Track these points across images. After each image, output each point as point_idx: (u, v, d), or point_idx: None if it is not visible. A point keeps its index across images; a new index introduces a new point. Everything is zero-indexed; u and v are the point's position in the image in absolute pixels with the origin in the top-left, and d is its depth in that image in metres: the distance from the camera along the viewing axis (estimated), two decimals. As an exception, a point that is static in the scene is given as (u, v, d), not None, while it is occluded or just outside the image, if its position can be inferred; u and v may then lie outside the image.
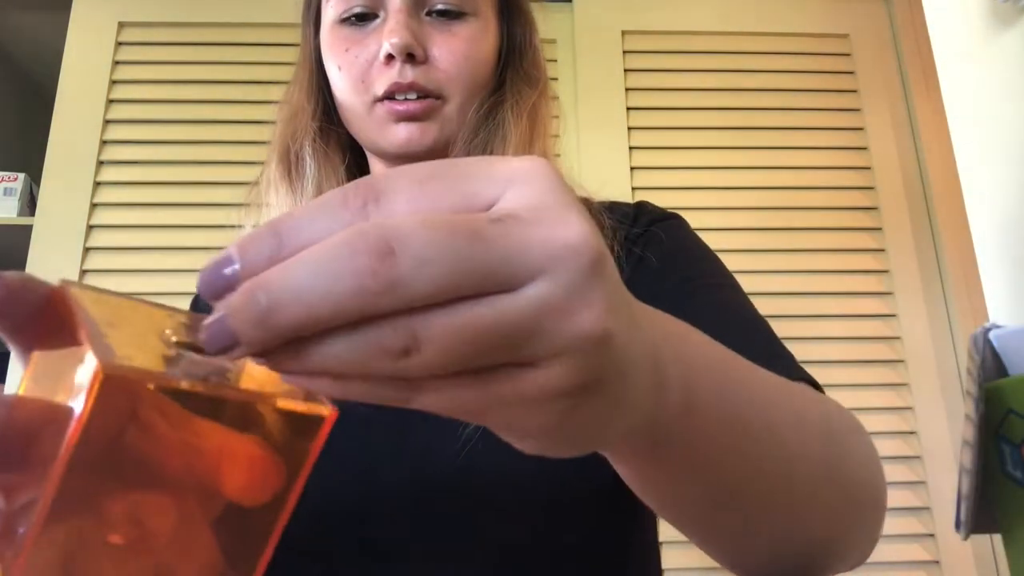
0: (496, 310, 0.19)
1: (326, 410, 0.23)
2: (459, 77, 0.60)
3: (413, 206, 0.20)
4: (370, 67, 0.60)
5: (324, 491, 0.45)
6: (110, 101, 1.52)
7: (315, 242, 0.19)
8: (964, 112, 1.06)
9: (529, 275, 0.19)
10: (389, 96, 0.59)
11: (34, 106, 1.79)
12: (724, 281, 0.58)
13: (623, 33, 1.59)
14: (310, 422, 0.23)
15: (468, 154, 0.60)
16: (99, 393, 0.20)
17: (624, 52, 1.58)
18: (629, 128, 1.53)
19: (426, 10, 0.60)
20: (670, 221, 0.64)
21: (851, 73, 1.60)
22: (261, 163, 1.63)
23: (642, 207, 0.65)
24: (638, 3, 1.61)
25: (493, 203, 0.20)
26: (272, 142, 0.67)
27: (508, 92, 0.64)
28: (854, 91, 1.59)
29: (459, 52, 0.60)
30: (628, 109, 1.54)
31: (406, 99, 0.59)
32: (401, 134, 0.59)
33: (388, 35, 0.58)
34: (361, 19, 0.61)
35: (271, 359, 0.19)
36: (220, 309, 0.19)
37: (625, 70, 1.56)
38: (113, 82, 1.53)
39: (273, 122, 0.71)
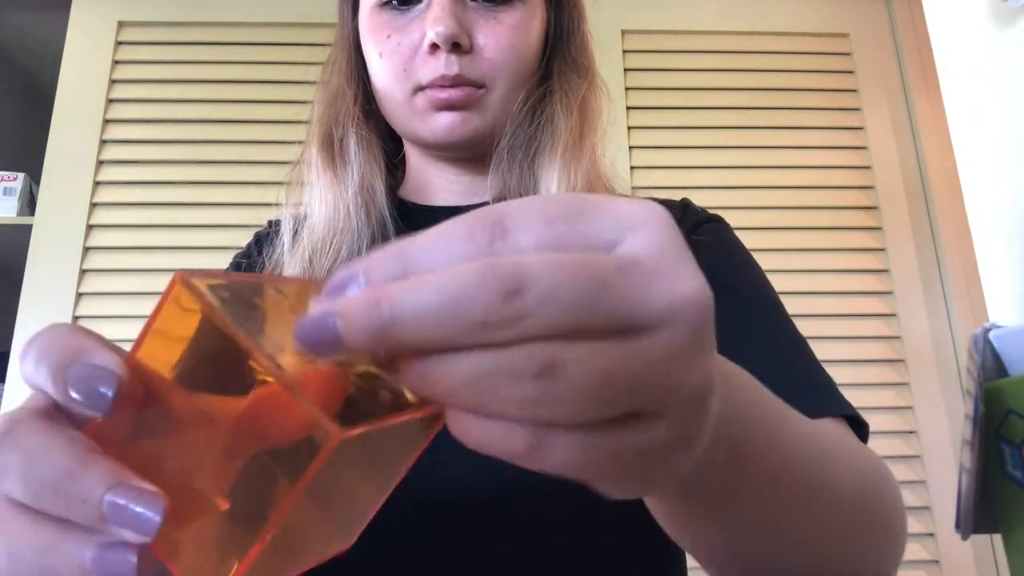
0: (629, 349, 0.19)
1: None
2: (504, 66, 0.58)
3: (539, 243, 0.20)
4: (413, 55, 0.58)
5: None
6: (110, 101, 1.52)
7: (439, 269, 0.19)
8: (964, 112, 1.06)
9: (652, 323, 0.20)
10: (431, 85, 0.57)
11: (34, 106, 1.79)
12: (766, 294, 0.57)
13: (623, 33, 1.58)
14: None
15: (512, 147, 0.59)
16: (326, 454, 0.20)
17: (624, 52, 1.58)
18: (629, 128, 1.53)
19: None
20: (716, 224, 0.63)
21: (851, 73, 1.60)
22: (261, 162, 1.63)
23: (687, 207, 0.64)
24: (638, 3, 1.61)
25: (613, 246, 0.21)
26: (312, 123, 0.64)
27: (556, 82, 0.62)
28: (854, 91, 1.59)
29: (504, 41, 0.58)
30: (628, 109, 1.54)
31: (448, 86, 0.57)
32: (442, 123, 0.58)
33: (433, 23, 0.56)
34: (404, 2, 0.59)
35: (398, 374, 0.20)
36: (327, 309, 0.19)
37: (625, 70, 1.56)
38: (113, 82, 1.53)
39: (272, 121, 0.69)
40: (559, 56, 0.64)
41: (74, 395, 0.22)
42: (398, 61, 0.58)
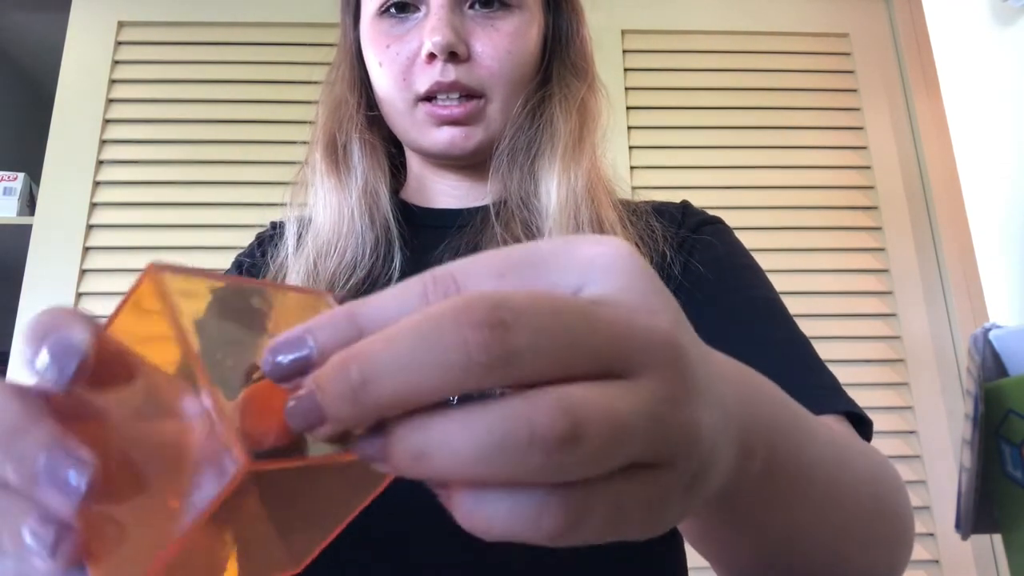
0: (635, 392, 0.18)
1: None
2: (501, 74, 0.58)
3: None
4: (412, 64, 0.58)
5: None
6: (110, 101, 1.52)
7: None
8: (964, 112, 1.06)
9: (640, 364, 0.18)
10: (430, 96, 0.58)
11: (34, 106, 1.79)
12: (767, 294, 0.57)
13: (623, 32, 1.58)
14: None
15: (512, 151, 0.60)
16: (234, 485, 0.18)
17: (624, 52, 1.58)
18: (629, 128, 1.53)
19: (469, 3, 0.59)
20: (716, 225, 0.63)
21: (851, 73, 1.60)
22: (261, 162, 1.63)
23: (687, 209, 0.65)
24: (638, 3, 1.61)
25: (575, 292, 0.20)
26: (316, 128, 0.65)
27: (555, 86, 0.62)
28: (854, 91, 1.59)
29: (502, 48, 0.58)
30: (628, 109, 1.54)
31: (448, 99, 0.58)
32: (443, 138, 0.58)
33: (430, 33, 0.56)
34: (401, 10, 0.59)
35: (390, 462, 0.18)
36: (308, 384, 0.18)
37: (625, 70, 1.56)
38: (113, 82, 1.53)
39: (272, 122, 0.69)
40: (558, 60, 0.64)
41: (41, 361, 0.22)
42: (397, 70, 0.59)
